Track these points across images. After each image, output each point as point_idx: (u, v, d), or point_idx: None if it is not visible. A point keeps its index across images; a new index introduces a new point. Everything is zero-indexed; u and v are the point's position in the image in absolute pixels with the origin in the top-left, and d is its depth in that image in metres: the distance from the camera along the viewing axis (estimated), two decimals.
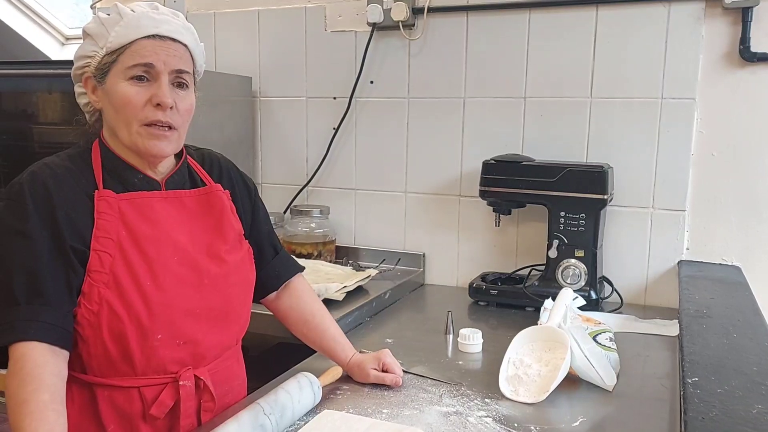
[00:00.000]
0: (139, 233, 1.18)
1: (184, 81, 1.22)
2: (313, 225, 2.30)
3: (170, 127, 1.19)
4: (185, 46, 1.22)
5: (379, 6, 2.19)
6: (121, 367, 1.17)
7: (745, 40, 1.84)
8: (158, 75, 1.17)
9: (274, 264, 1.45)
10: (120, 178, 1.22)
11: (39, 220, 1.11)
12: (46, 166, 1.17)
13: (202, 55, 1.28)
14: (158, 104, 1.17)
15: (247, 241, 1.36)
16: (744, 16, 1.84)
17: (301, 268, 1.52)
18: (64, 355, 1.10)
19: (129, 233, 1.17)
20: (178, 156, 1.32)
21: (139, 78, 1.17)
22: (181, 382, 1.20)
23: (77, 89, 1.26)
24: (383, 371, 1.39)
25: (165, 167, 1.28)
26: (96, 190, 1.18)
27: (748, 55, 1.85)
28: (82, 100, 1.27)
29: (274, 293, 1.46)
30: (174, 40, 1.19)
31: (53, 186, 1.14)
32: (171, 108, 1.18)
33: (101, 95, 1.21)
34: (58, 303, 1.10)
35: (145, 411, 1.19)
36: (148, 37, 1.17)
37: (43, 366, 1.05)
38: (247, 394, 1.38)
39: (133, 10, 1.19)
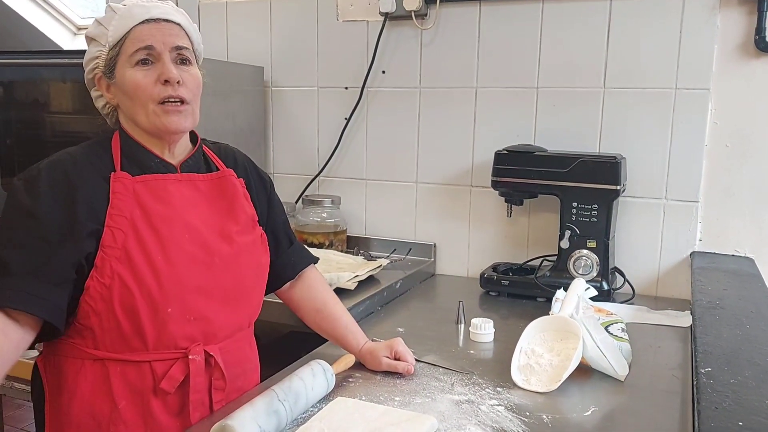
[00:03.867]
0: (153, 212, 1.22)
1: (186, 57, 1.26)
2: (324, 215, 2.31)
3: (182, 101, 1.24)
4: (179, 25, 1.27)
5: None
6: (132, 341, 1.19)
7: (760, 30, 1.83)
8: (160, 55, 1.22)
9: (289, 254, 1.48)
10: (137, 162, 1.26)
11: (53, 201, 1.15)
12: (67, 153, 1.23)
13: (197, 34, 1.33)
14: (166, 81, 1.22)
15: (261, 227, 1.39)
16: (760, 6, 1.82)
17: (315, 259, 1.54)
18: (30, 322, 1.12)
19: (142, 212, 1.21)
20: (194, 141, 1.36)
21: (144, 62, 1.22)
22: (190, 357, 1.22)
23: (93, 94, 1.31)
24: (395, 359, 1.39)
25: (181, 151, 1.32)
26: (112, 173, 1.22)
27: (763, 46, 1.83)
28: (99, 103, 1.31)
29: (288, 283, 1.49)
30: (167, 20, 1.25)
31: (72, 170, 1.19)
32: (178, 83, 1.23)
33: (115, 90, 1.26)
34: (52, 278, 1.12)
35: (155, 386, 1.21)
36: (143, 22, 1.22)
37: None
38: (261, 381, 1.39)
39: (124, 4, 1.25)
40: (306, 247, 1.56)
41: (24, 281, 1.11)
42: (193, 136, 1.37)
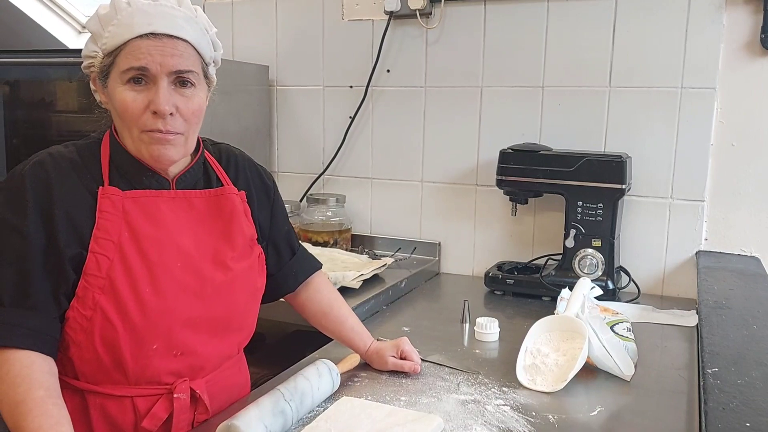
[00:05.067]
0: (142, 235, 1.12)
1: (188, 80, 1.12)
2: (329, 213, 2.31)
3: (175, 133, 1.12)
4: (186, 41, 1.11)
5: None
6: (113, 375, 1.11)
7: (766, 28, 1.82)
8: (155, 78, 1.08)
9: (291, 265, 1.39)
10: (127, 175, 1.15)
11: (37, 218, 1.05)
12: (51, 158, 1.11)
13: (210, 45, 1.18)
14: (155, 112, 1.09)
15: (259, 245, 1.29)
16: (766, 4, 1.81)
17: (319, 266, 1.47)
18: (49, 358, 1.05)
19: (131, 234, 1.11)
20: (195, 152, 1.23)
21: (136, 81, 1.08)
22: (175, 395, 1.15)
23: (91, 86, 1.19)
24: (401, 359, 1.39)
25: (177, 165, 1.19)
26: (100, 187, 1.11)
27: None
28: (96, 97, 1.19)
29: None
30: (171, 36, 1.09)
31: (55, 180, 1.08)
32: (171, 114, 1.10)
33: (108, 96, 1.14)
34: (45, 307, 1.05)
35: (137, 422, 1.14)
36: (142, 36, 1.07)
37: (30, 366, 1.01)
38: (266, 381, 1.38)
39: (129, 4, 1.10)
40: (310, 252, 1.49)
41: (18, 314, 1.03)
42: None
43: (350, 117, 2.34)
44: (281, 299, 1.46)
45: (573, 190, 1.90)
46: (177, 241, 1.15)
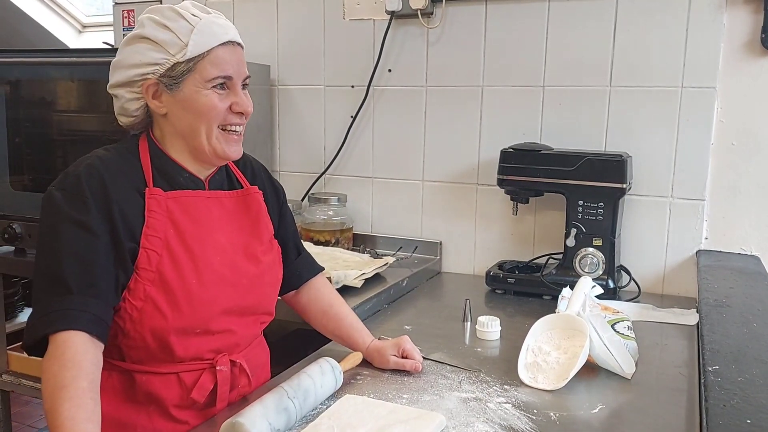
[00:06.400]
0: (186, 232, 1.21)
1: (248, 84, 1.27)
2: (330, 212, 2.31)
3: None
4: (242, 48, 1.26)
5: None
6: (159, 356, 1.20)
7: (766, 28, 1.82)
8: (234, 85, 1.23)
9: (297, 264, 1.49)
10: (167, 176, 1.24)
11: (98, 214, 1.13)
12: (100, 160, 1.19)
13: None
14: (240, 112, 1.24)
15: (275, 240, 1.40)
16: (766, 4, 1.82)
17: (321, 269, 1.55)
18: (102, 347, 1.12)
19: (176, 231, 1.20)
20: None
21: (221, 86, 1.21)
22: (218, 367, 1.24)
23: (126, 94, 1.22)
24: (403, 357, 1.40)
25: (211, 167, 1.31)
26: (146, 188, 1.20)
27: None
28: (131, 106, 1.24)
29: (293, 291, 1.51)
30: (239, 44, 1.25)
31: (109, 180, 1.16)
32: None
33: (168, 101, 1.21)
34: (107, 296, 1.12)
35: (182, 395, 1.23)
36: (222, 44, 1.20)
37: (84, 354, 1.07)
38: (271, 377, 1.41)
39: (196, 15, 1.20)
40: (313, 257, 1.56)
41: (84, 301, 1.09)
42: None
43: (351, 116, 2.35)
44: (284, 302, 1.51)
45: (574, 190, 1.91)
46: (214, 236, 1.26)
